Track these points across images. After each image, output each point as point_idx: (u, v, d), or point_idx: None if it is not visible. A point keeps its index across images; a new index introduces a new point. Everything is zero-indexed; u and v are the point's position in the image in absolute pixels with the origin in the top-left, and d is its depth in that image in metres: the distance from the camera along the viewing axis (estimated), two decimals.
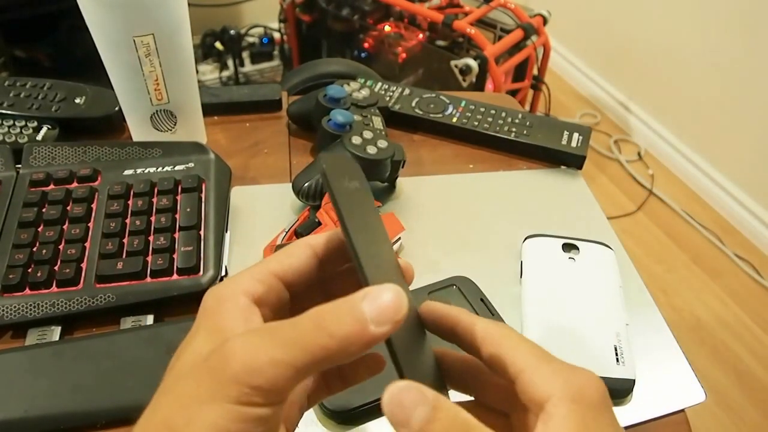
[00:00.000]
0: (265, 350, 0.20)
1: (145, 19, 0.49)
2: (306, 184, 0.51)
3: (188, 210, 0.48)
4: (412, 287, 0.33)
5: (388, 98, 0.66)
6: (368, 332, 0.20)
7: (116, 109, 0.59)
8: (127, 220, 0.47)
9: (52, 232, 0.46)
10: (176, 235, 0.47)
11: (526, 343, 0.24)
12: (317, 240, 0.26)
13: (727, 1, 1.63)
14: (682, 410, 0.41)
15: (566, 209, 0.57)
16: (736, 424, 1.27)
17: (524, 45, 1.57)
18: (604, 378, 0.23)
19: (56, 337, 0.42)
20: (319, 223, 0.49)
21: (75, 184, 0.50)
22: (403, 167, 0.56)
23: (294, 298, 0.25)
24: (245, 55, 2.08)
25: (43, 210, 0.48)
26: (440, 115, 0.65)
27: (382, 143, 0.53)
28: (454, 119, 0.64)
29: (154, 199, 0.49)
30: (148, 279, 0.44)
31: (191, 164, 0.52)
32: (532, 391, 0.22)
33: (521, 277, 0.49)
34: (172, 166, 0.52)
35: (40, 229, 0.46)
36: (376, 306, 0.20)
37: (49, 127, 0.58)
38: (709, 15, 1.69)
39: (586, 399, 0.22)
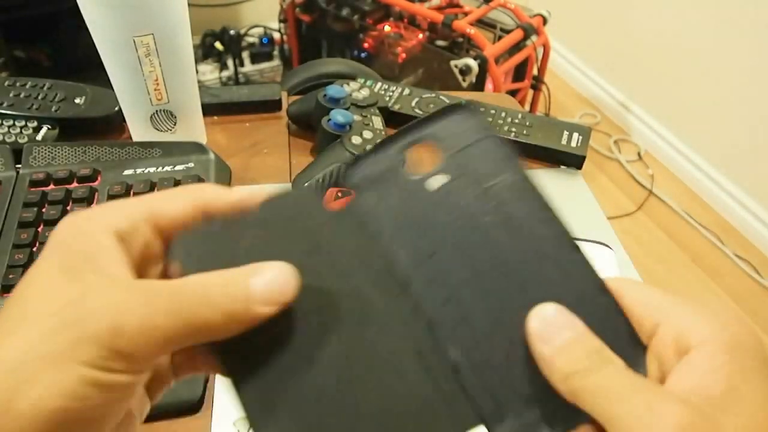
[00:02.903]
0: (138, 312, 0.18)
1: (145, 19, 0.49)
2: (306, 184, 0.51)
3: None
4: None
5: (387, 98, 0.66)
6: (252, 312, 0.19)
7: (116, 109, 0.59)
8: None
9: None
10: None
11: (653, 290, 0.22)
12: (209, 199, 0.22)
13: (727, 1, 1.63)
14: None
15: (566, 209, 0.57)
16: None
17: (524, 45, 1.57)
18: None
19: None
20: None
21: (75, 184, 0.50)
22: None
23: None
24: (245, 55, 2.08)
25: (43, 210, 0.48)
26: None
27: None
28: None
29: None
30: None
31: (191, 164, 0.52)
32: (677, 341, 0.20)
33: None
34: (171, 166, 0.52)
35: (40, 229, 0.46)
36: (264, 283, 0.19)
37: (49, 127, 0.58)
38: (709, 15, 1.69)
39: (743, 347, 0.19)
